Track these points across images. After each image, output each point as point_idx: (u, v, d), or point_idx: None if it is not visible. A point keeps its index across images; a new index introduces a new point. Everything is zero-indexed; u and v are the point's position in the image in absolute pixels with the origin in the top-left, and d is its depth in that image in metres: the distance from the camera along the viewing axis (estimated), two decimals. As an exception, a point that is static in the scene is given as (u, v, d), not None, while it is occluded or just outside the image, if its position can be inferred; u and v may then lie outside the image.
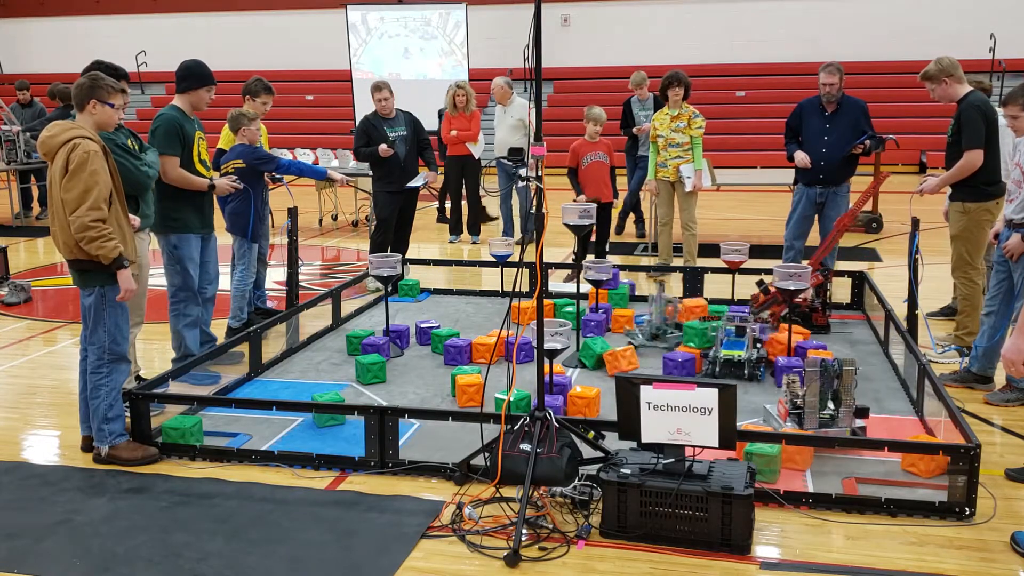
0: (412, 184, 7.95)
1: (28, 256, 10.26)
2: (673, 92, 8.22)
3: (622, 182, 9.23)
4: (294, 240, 6.40)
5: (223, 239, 6.65)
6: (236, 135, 6.51)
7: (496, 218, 11.43)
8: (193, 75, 5.57)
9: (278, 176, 7.20)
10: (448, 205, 11.17)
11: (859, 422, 4.40)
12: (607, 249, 8.67)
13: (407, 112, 8.07)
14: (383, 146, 7.78)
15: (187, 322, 5.65)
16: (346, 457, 4.43)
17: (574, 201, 8.17)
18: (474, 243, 10.56)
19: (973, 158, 5.72)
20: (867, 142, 7.07)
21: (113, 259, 4.27)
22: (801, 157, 7.19)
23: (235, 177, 6.11)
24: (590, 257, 7.93)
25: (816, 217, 7.39)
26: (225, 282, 6.77)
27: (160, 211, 5.46)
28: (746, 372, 5.42)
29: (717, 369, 5.44)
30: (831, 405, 4.41)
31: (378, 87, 7.90)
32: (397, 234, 8.16)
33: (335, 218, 12.42)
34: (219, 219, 6.88)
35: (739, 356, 5.45)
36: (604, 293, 6.94)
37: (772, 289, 6.07)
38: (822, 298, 6.45)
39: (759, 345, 5.66)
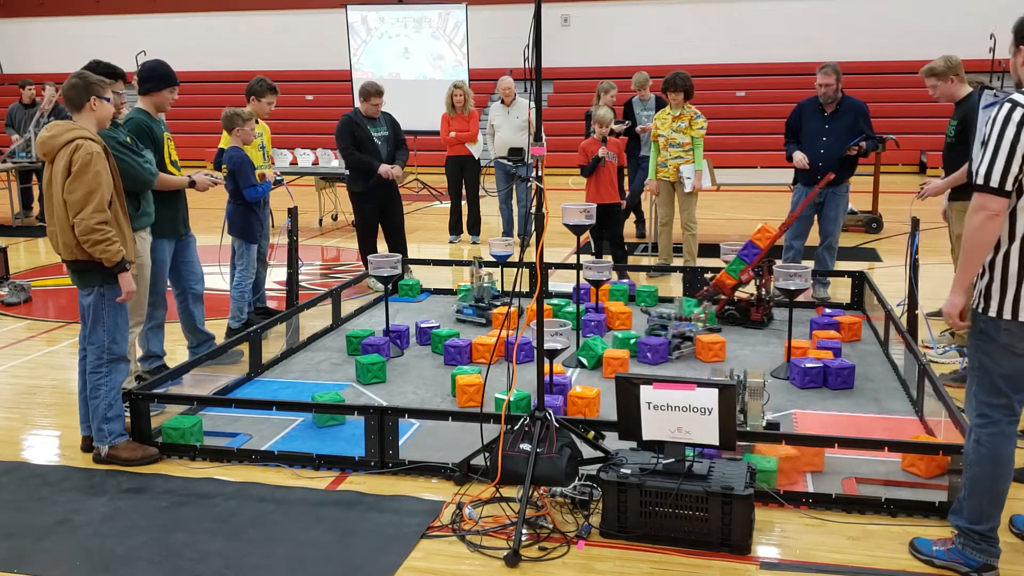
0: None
1: (28, 256, 10.26)
2: (673, 96, 8.22)
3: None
4: (294, 240, 6.40)
5: (224, 240, 6.66)
6: (230, 135, 6.49)
7: None
8: (156, 76, 5.48)
9: (279, 178, 7.20)
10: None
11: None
12: (625, 250, 8.62)
13: (386, 112, 8.03)
14: (384, 167, 7.72)
15: (152, 324, 5.58)
16: (346, 457, 4.43)
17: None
18: (474, 243, 10.56)
19: None
20: (862, 144, 7.09)
21: (116, 262, 4.27)
22: (799, 158, 7.20)
23: (216, 174, 6.03)
24: (590, 257, 7.93)
25: (816, 217, 7.40)
26: (224, 282, 6.78)
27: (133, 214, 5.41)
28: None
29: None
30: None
31: (378, 92, 7.78)
32: (391, 241, 8.09)
33: (335, 218, 12.43)
34: (218, 219, 6.90)
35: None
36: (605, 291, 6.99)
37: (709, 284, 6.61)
38: (759, 294, 6.61)
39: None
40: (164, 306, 5.63)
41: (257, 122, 6.81)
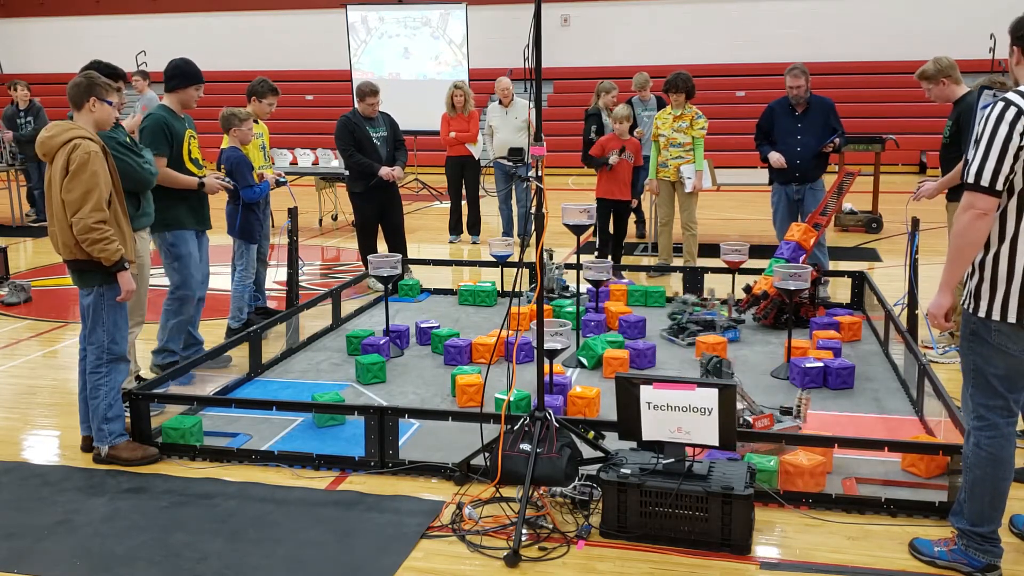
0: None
1: (28, 256, 10.26)
2: (675, 97, 8.24)
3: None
4: (294, 240, 6.40)
5: (224, 240, 6.66)
6: (228, 135, 6.49)
7: None
8: (181, 73, 5.55)
9: (282, 179, 7.20)
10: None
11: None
12: (623, 249, 8.63)
13: (384, 112, 8.04)
14: (385, 169, 7.72)
15: (177, 320, 5.61)
16: (346, 457, 4.43)
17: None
18: (474, 243, 10.56)
19: None
20: (836, 140, 7.35)
21: (115, 261, 4.27)
22: (776, 157, 7.44)
23: (226, 177, 6.06)
24: (590, 257, 7.92)
25: (798, 216, 7.52)
26: (225, 282, 6.77)
27: (155, 210, 5.45)
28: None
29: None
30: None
31: (373, 91, 7.78)
32: (390, 241, 8.11)
33: (335, 218, 12.43)
34: (221, 219, 6.89)
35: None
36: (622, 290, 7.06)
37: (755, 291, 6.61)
38: (810, 292, 6.60)
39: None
40: (193, 304, 5.65)
41: (256, 122, 6.80)
